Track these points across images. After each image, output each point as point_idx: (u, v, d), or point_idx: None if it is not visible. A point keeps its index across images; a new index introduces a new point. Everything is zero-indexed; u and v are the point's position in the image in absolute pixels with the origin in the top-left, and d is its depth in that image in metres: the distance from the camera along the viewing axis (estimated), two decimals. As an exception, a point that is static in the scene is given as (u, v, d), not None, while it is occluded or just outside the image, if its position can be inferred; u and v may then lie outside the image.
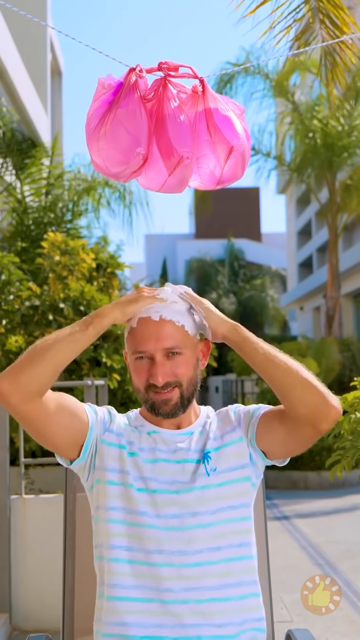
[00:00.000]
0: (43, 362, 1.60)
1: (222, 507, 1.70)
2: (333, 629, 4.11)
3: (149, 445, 1.74)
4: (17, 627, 4.04)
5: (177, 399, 1.72)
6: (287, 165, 14.51)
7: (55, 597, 2.64)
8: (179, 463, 1.72)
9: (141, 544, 1.66)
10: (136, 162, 1.56)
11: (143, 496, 1.69)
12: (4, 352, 4.90)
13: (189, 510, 1.68)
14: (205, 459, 1.73)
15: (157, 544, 1.66)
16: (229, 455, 1.74)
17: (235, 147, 1.61)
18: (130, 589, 1.64)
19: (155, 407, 1.72)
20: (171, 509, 1.68)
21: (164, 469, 1.71)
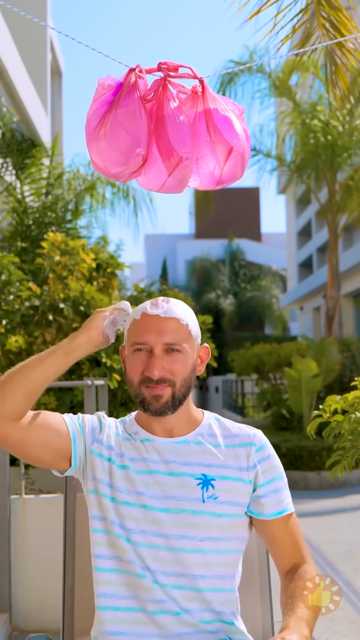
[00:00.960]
0: (12, 386, 1.59)
1: (213, 536, 1.65)
2: (333, 629, 4.11)
3: (141, 455, 1.70)
4: (17, 627, 4.04)
5: (168, 397, 1.67)
6: (287, 165, 14.51)
7: (55, 597, 2.64)
8: (172, 476, 1.68)
9: (129, 557, 1.64)
10: (136, 163, 1.56)
11: (131, 512, 1.65)
12: (4, 352, 4.90)
13: (176, 532, 1.64)
14: (206, 485, 1.67)
15: (142, 560, 1.63)
16: (235, 490, 1.69)
17: (235, 147, 1.61)
18: (117, 599, 1.64)
19: (146, 403, 1.67)
20: (158, 527, 1.64)
21: (157, 482, 1.67)
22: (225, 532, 1.66)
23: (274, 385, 14.00)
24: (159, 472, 1.68)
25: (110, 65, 1.69)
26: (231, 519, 1.67)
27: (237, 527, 1.69)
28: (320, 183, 15.78)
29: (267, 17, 3.54)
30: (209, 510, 1.65)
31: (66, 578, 2.00)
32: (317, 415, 2.34)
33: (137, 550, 1.64)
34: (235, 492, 1.68)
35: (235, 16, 3.41)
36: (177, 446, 1.71)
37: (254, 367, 15.39)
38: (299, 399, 10.92)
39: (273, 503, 1.71)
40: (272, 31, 3.43)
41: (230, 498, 1.67)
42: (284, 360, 14.14)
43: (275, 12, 3.45)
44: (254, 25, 3.47)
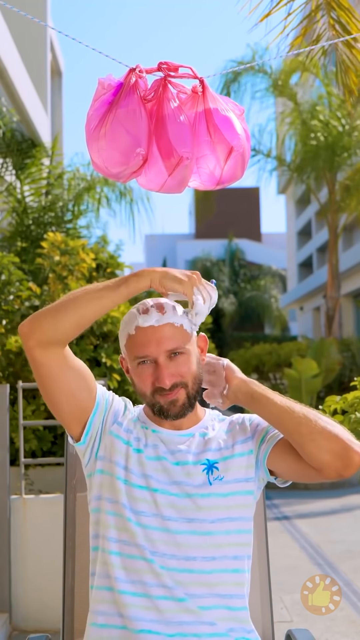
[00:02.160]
0: (66, 312, 1.60)
1: (221, 517, 1.68)
2: (333, 629, 4.11)
3: (153, 442, 1.74)
4: (17, 627, 4.04)
5: (184, 399, 1.71)
6: (287, 165, 14.51)
7: (55, 597, 2.65)
8: (178, 465, 1.71)
9: (138, 540, 1.65)
10: (136, 163, 1.56)
11: (144, 494, 1.68)
12: (4, 352, 4.90)
13: (183, 516, 1.67)
14: (210, 468, 1.71)
15: (152, 544, 1.65)
16: (238, 466, 1.73)
17: (235, 147, 1.61)
18: (124, 583, 1.64)
19: (164, 410, 1.71)
20: (168, 511, 1.67)
21: (165, 469, 1.70)
22: (232, 512, 1.69)
23: (274, 385, 14.00)
24: (167, 460, 1.71)
25: (110, 65, 1.69)
26: (238, 497, 1.70)
27: (243, 507, 1.72)
28: (320, 183, 15.79)
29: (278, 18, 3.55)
30: (217, 492, 1.68)
31: (66, 578, 2.00)
32: (317, 415, 2.34)
33: (147, 534, 1.65)
34: (238, 468, 1.72)
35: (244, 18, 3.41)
36: (183, 438, 1.75)
37: (254, 367, 15.39)
38: (299, 399, 10.92)
39: (272, 436, 1.75)
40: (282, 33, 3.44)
41: (235, 475, 1.71)
42: (284, 360, 14.14)
43: (285, 14, 3.45)
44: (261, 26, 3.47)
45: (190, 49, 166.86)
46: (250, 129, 10.79)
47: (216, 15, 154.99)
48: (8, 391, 4.13)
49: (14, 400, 4.78)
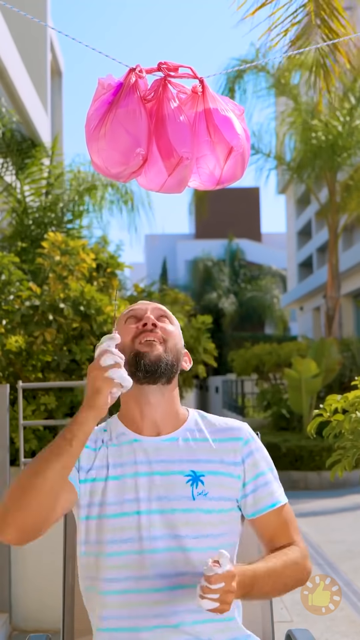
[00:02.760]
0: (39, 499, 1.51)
1: (204, 534, 1.63)
2: (333, 629, 4.11)
3: (130, 458, 1.67)
4: (17, 627, 4.04)
5: (161, 350, 1.66)
6: (287, 165, 14.51)
7: (55, 597, 2.64)
8: (161, 476, 1.65)
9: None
10: (136, 163, 1.56)
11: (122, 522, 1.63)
12: (4, 352, 4.90)
13: (172, 532, 1.62)
14: (195, 481, 1.65)
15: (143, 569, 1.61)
16: (224, 485, 1.67)
17: (235, 147, 1.61)
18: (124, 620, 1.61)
19: (139, 356, 1.64)
20: (155, 531, 1.62)
21: (144, 484, 1.64)
22: (217, 529, 1.64)
23: (274, 385, 14.00)
24: (148, 474, 1.65)
25: (110, 65, 1.69)
26: (222, 515, 1.65)
27: (228, 523, 1.67)
28: (320, 183, 15.79)
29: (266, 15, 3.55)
30: (200, 507, 1.63)
31: (66, 578, 2.00)
32: (317, 415, 2.34)
33: (135, 561, 1.61)
34: (225, 487, 1.66)
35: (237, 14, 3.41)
36: (165, 444, 1.68)
37: (254, 367, 15.40)
38: (299, 399, 10.92)
39: (264, 496, 1.69)
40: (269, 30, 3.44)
41: (220, 493, 1.65)
42: (284, 360, 14.14)
43: (273, 10, 3.46)
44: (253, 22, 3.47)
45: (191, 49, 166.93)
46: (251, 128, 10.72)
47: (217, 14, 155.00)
48: (8, 391, 4.13)
49: (14, 400, 4.78)
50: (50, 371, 4.93)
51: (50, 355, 4.90)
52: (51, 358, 4.89)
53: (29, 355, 4.94)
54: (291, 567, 1.62)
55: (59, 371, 4.91)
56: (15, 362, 4.94)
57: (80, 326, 5.02)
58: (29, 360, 4.94)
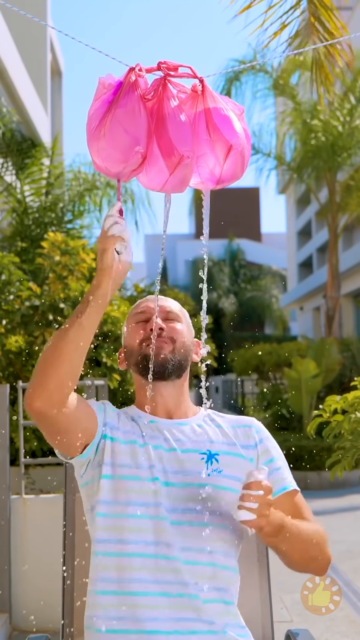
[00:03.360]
0: (64, 362, 1.54)
1: (216, 510, 1.66)
2: (333, 629, 4.11)
3: (152, 432, 1.73)
4: (17, 627, 4.04)
5: (169, 350, 1.73)
6: (287, 165, 14.51)
7: (55, 597, 2.64)
8: (177, 452, 1.69)
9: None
10: (135, 161, 1.56)
11: (138, 484, 1.66)
12: (4, 352, 4.90)
13: (183, 506, 1.65)
14: (210, 459, 1.69)
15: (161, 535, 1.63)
16: (237, 465, 1.71)
17: (234, 145, 1.60)
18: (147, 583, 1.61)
19: (148, 359, 1.71)
20: (167, 501, 1.65)
21: (162, 457, 1.69)
22: (230, 507, 1.64)
23: (274, 385, 14.01)
24: (165, 449, 1.70)
25: (110, 65, 1.69)
26: (232, 494, 1.65)
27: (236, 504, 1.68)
28: (320, 183, 15.79)
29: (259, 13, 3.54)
30: (214, 483, 1.66)
31: (66, 578, 2.00)
32: (317, 415, 2.34)
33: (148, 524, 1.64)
34: (239, 468, 1.70)
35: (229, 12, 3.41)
36: (180, 427, 1.74)
37: (254, 367, 15.40)
38: (299, 399, 10.92)
39: (277, 480, 1.73)
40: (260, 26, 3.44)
41: (234, 473, 1.69)
42: (284, 360, 14.14)
43: (266, 8, 3.46)
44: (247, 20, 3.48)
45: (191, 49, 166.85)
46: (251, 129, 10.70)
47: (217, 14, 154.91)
48: (8, 391, 4.13)
49: (14, 400, 4.78)
50: (50, 371, 4.92)
51: (50, 355, 4.89)
52: (51, 358, 4.89)
53: (29, 355, 4.94)
54: (315, 532, 1.69)
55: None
56: (15, 362, 4.94)
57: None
58: (29, 360, 4.94)
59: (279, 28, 3.50)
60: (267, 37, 3.55)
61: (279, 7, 3.48)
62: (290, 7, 3.49)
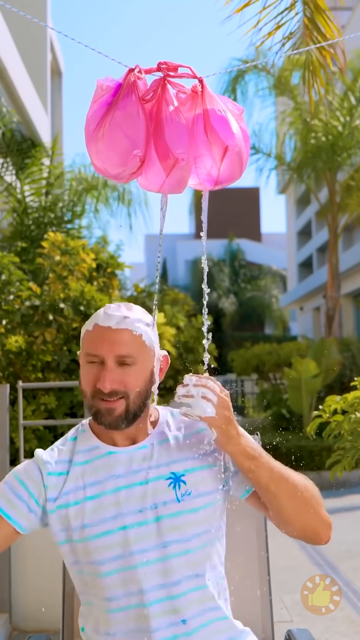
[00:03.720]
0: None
1: (197, 532, 1.61)
2: (333, 629, 4.11)
3: (105, 474, 1.64)
4: (17, 627, 4.04)
5: (121, 411, 1.61)
6: (287, 165, 14.51)
7: (55, 597, 2.64)
8: (142, 485, 1.62)
9: (126, 588, 1.59)
10: (134, 164, 1.56)
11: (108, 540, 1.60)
12: (4, 352, 4.90)
13: (162, 541, 1.59)
14: (177, 482, 1.62)
15: (138, 583, 1.58)
16: (206, 478, 1.65)
17: (230, 146, 1.60)
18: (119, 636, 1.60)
19: (99, 416, 1.62)
20: (144, 543, 1.59)
21: (128, 498, 1.61)
22: (204, 525, 1.62)
23: (274, 385, 14.01)
24: (128, 487, 1.62)
25: (110, 65, 1.70)
26: (207, 510, 1.63)
27: (214, 516, 1.65)
28: (320, 183, 15.79)
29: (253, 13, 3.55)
30: (187, 508, 1.61)
31: (66, 578, 2.00)
32: (317, 416, 2.35)
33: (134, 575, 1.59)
34: (207, 481, 1.64)
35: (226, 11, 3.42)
36: (142, 452, 1.66)
37: (254, 367, 15.40)
38: (299, 399, 10.92)
39: (238, 483, 1.69)
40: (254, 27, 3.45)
41: (203, 489, 1.63)
42: (284, 360, 14.15)
43: (260, 8, 3.46)
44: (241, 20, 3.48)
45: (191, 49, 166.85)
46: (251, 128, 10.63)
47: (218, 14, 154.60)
48: (8, 391, 4.13)
49: (14, 400, 4.78)
50: (50, 371, 4.93)
51: (50, 355, 4.90)
52: (51, 358, 4.89)
53: (29, 355, 4.95)
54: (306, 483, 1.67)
55: (59, 371, 4.91)
56: (15, 362, 4.94)
57: (80, 326, 5.02)
58: (29, 360, 4.94)
59: (274, 28, 3.50)
60: (260, 38, 3.55)
61: (273, 8, 3.48)
62: (285, 8, 3.49)
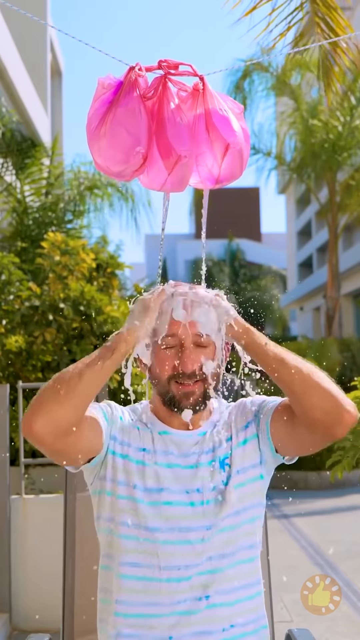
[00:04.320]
0: (74, 398, 1.49)
1: (236, 510, 1.63)
2: (333, 629, 4.11)
3: (162, 447, 1.66)
4: (17, 627, 4.04)
5: (200, 393, 1.64)
6: (287, 165, 14.51)
7: (55, 597, 2.64)
8: (192, 468, 1.64)
9: (153, 560, 1.60)
10: (136, 161, 1.56)
11: (153, 510, 1.61)
12: (4, 352, 4.90)
13: (203, 524, 1.61)
14: (222, 466, 1.65)
15: (168, 559, 1.59)
16: (244, 455, 1.68)
17: (232, 144, 1.60)
18: (140, 606, 1.59)
19: (176, 401, 1.63)
20: (185, 522, 1.61)
21: (177, 476, 1.63)
22: (245, 502, 1.64)
23: (275, 385, 13.98)
24: (179, 466, 1.64)
25: (110, 64, 1.69)
26: (249, 486, 1.66)
27: (254, 494, 1.67)
28: (320, 183, 15.79)
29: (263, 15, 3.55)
30: (233, 485, 1.63)
31: (66, 578, 2.00)
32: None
33: (164, 550, 1.60)
34: (247, 456, 1.67)
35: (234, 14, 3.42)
36: (197, 438, 1.68)
37: (254, 367, 15.37)
38: (299, 399, 10.91)
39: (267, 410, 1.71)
40: (265, 29, 3.45)
41: (244, 464, 1.67)
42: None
43: (270, 10, 3.46)
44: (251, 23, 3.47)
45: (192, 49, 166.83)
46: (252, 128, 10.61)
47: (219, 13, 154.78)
48: (8, 391, 4.13)
49: (14, 400, 4.78)
50: (50, 371, 4.93)
51: (50, 355, 4.89)
52: (51, 358, 4.89)
53: (29, 355, 4.94)
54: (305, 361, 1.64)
55: (59, 371, 4.91)
56: (15, 362, 4.94)
57: (80, 326, 5.02)
58: (29, 360, 4.94)
59: (285, 28, 3.50)
60: (272, 40, 3.55)
61: (281, 11, 3.48)
62: (295, 8, 3.49)
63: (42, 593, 4.02)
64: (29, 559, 4.08)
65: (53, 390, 1.50)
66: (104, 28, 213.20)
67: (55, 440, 1.49)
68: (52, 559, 3.92)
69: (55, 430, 1.48)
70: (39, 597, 4.03)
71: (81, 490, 2.01)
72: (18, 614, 4.04)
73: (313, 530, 6.77)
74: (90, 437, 1.58)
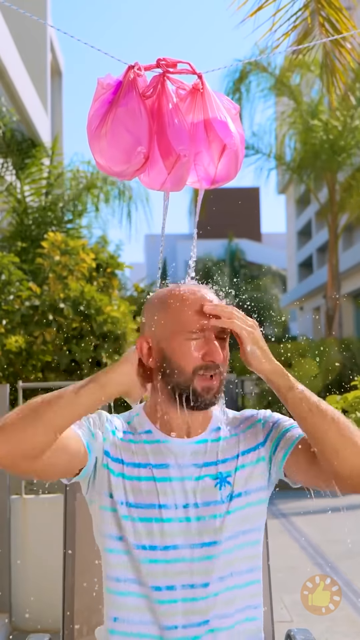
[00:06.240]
0: (35, 423, 1.41)
1: (236, 532, 1.57)
2: (333, 629, 4.11)
3: (157, 460, 1.58)
4: (17, 627, 4.04)
5: (217, 387, 1.56)
6: (287, 165, 14.52)
7: (55, 597, 2.64)
8: (190, 480, 1.57)
9: (146, 579, 1.54)
10: (138, 161, 1.56)
11: (146, 526, 1.54)
12: (4, 352, 4.90)
13: (199, 541, 1.55)
14: (223, 483, 1.58)
15: (164, 579, 1.54)
16: (250, 476, 1.60)
17: (229, 145, 1.60)
18: (133, 624, 1.54)
19: (197, 394, 1.54)
20: (179, 539, 1.55)
21: (173, 490, 1.56)
22: (245, 525, 1.59)
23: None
24: (176, 479, 1.58)
25: (110, 64, 1.69)
26: (251, 509, 1.59)
27: (256, 517, 1.62)
28: (320, 183, 15.79)
29: (267, 16, 3.54)
30: (232, 509, 1.57)
31: (66, 578, 2.00)
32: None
33: (158, 569, 1.54)
34: (252, 478, 1.60)
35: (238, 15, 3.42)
36: (195, 447, 1.60)
37: (254, 367, 15.36)
38: (299, 399, 10.92)
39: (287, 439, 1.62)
40: (270, 30, 3.45)
41: (248, 487, 1.60)
42: (284, 360, 14.15)
43: (274, 11, 3.46)
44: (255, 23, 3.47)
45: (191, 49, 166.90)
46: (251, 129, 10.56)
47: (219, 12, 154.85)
48: (8, 391, 4.13)
49: (14, 400, 4.78)
50: (50, 371, 4.93)
51: (50, 355, 4.89)
52: (51, 358, 4.89)
53: (29, 355, 4.94)
54: None
55: (59, 371, 4.91)
56: (15, 362, 4.94)
57: (80, 326, 5.02)
58: (29, 360, 4.94)
59: (290, 28, 3.49)
60: (276, 40, 3.54)
61: (285, 11, 3.48)
62: (299, 9, 3.49)
63: (42, 593, 4.02)
64: (29, 559, 4.08)
65: (16, 416, 1.44)
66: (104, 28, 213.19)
67: (30, 466, 1.43)
68: (52, 559, 3.92)
69: (25, 457, 1.42)
70: (39, 597, 4.02)
71: (81, 490, 2.01)
72: (18, 614, 4.04)
73: (313, 530, 6.77)
74: (67, 458, 1.50)
